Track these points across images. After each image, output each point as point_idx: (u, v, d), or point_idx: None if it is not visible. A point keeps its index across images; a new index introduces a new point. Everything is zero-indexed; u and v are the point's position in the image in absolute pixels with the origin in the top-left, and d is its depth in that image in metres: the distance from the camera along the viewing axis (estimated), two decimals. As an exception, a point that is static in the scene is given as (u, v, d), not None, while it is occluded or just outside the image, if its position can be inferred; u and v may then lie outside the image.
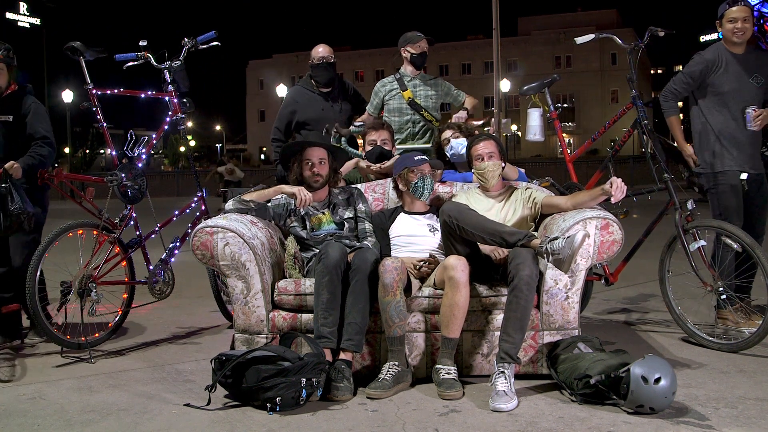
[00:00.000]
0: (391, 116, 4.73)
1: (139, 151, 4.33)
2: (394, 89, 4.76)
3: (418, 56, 4.71)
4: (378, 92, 4.82)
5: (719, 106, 4.09)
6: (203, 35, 4.45)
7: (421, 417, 2.79)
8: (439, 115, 4.77)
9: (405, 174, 3.70)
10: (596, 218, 3.22)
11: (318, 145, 3.78)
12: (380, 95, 4.80)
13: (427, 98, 4.73)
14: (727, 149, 4.04)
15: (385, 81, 4.87)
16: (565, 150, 4.46)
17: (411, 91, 4.70)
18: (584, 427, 2.65)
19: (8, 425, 2.80)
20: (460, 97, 4.85)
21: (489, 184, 3.69)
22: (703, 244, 3.75)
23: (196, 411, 2.89)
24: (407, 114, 4.70)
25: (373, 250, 3.48)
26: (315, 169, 3.69)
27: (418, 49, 4.69)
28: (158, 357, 3.81)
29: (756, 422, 2.66)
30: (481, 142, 3.69)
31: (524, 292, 3.04)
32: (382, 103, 4.80)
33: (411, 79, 4.76)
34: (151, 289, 4.27)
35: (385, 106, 4.79)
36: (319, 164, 3.70)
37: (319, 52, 4.86)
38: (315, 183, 3.70)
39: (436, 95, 4.76)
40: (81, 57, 4.20)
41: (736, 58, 4.09)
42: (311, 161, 3.69)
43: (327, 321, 3.16)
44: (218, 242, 3.29)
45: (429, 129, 4.72)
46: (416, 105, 4.68)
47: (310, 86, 4.93)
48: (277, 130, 4.98)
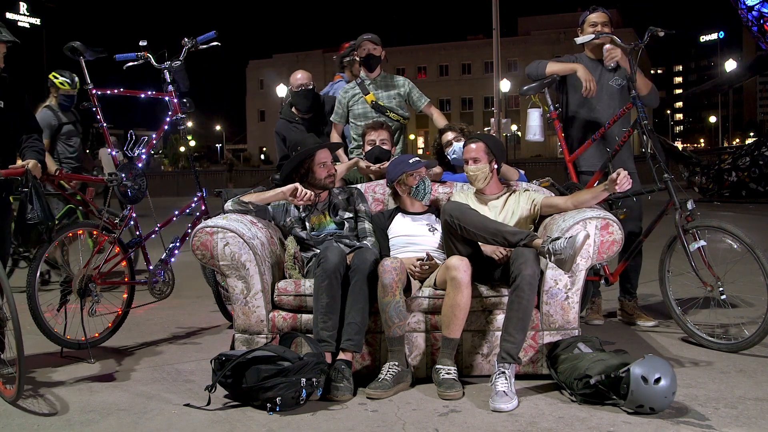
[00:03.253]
0: (356, 122, 4.66)
1: (139, 151, 4.33)
2: (356, 94, 4.70)
3: (364, 59, 4.67)
4: (341, 100, 4.74)
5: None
6: (203, 35, 4.45)
7: (421, 417, 2.80)
8: (406, 112, 4.70)
9: (404, 179, 3.71)
10: (596, 218, 3.22)
11: (324, 147, 3.78)
12: (344, 102, 4.72)
13: (390, 98, 4.66)
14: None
15: (347, 87, 4.82)
16: (565, 150, 4.46)
17: (373, 94, 4.65)
18: (584, 427, 2.65)
19: (8, 425, 2.80)
20: (419, 103, 4.72)
21: (475, 186, 3.71)
22: (703, 244, 3.75)
23: (196, 411, 2.89)
24: (372, 117, 4.62)
25: (372, 250, 3.48)
26: (330, 170, 3.72)
27: (363, 52, 4.65)
28: (158, 357, 3.81)
29: (756, 422, 2.66)
30: (471, 144, 3.70)
31: (526, 292, 3.04)
32: (347, 111, 4.74)
33: (371, 81, 4.71)
34: (151, 289, 4.27)
35: (350, 112, 4.72)
36: (331, 164, 3.74)
37: (297, 79, 4.82)
38: (330, 183, 3.73)
39: (398, 93, 4.69)
40: (81, 57, 4.20)
41: (596, 62, 4.38)
42: (326, 162, 3.71)
43: (327, 325, 3.16)
44: (218, 242, 3.29)
45: (398, 128, 4.68)
46: (380, 107, 4.61)
47: (292, 116, 4.90)
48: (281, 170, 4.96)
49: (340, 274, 3.23)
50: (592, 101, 4.36)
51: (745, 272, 3.77)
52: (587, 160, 4.39)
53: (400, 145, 4.71)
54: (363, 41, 4.66)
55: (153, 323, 4.64)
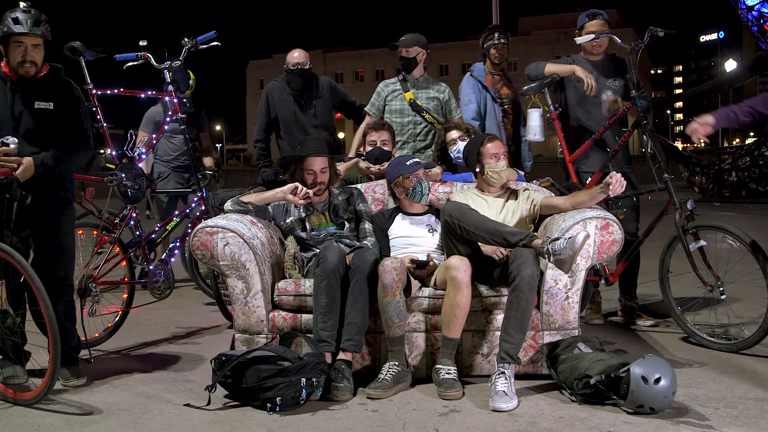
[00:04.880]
0: (392, 117, 4.71)
1: (139, 151, 4.33)
2: (396, 90, 4.74)
3: (401, 61, 4.72)
4: (380, 92, 4.80)
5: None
6: (203, 35, 4.45)
7: (421, 417, 2.80)
8: (441, 118, 4.74)
9: (401, 181, 3.70)
10: (596, 218, 3.22)
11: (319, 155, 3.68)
12: (382, 96, 4.78)
13: (429, 100, 4.70)
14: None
15: (388, 81, 4.86)
16: (565, 150, 4.45)
17: (413, 93, 4.69)
18: (584, 427, 2.65)
19: (8, 425, 2.80)
20: (454, 114, 4.76)
21: (498, 183, 3.68)
22: (704, 244, 3.75)
23: (196, 411, 2.89)
24: (408, 115, 4.68)
25: (372, 250, 3.48)
26: (318, 179, 3.66)
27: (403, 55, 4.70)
28: (158, 357, 3.81)
29: (756, 422, 2.66)
30: (492, 142, 3.68)
31: (525, 292, 3.04)
32: (384, 104, 4.78)
33: (414, 80, 4.75)
34: (151, 289, 4.27)
35: (387, 106, 4.76)
36: (321, 173, 3.66)
37: (294, 58, 4.82)
38: (318, 192, 3.68)
39: (437, 98, 4.73)
40: (81, 57, 4.20)
41: (593, 64, 4.41)
42: (314, 171, 3.65)
43: (326, 325, 3.16)
44: (218, 242, 3.29)
45: (431, 131, 4.71)
46: (418, 107, 4.66)
47: (285, 86, 4.90)
48: (259, 130, 4.97)
49: (340, 274, 3.22)
50: (589, 102, 4.37)
51: (745, 272, 3.77)
52: (587, 160, 4.39)
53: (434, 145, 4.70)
54: (396, 47, 4.71)
55: (153, 323, 4.63)
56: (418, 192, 3.67)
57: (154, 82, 4.66)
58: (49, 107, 3.28)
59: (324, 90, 4.94)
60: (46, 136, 3.26)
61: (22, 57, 3.20)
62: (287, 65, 4.85)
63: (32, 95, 3.25)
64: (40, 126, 3.25)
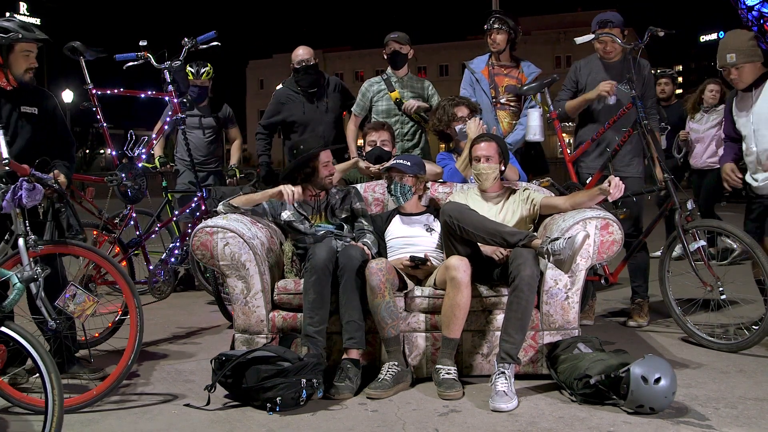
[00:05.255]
0: (379, 117, 4.68)
1: (139, 151, 4.34)
2: (382, 90, 4.73)
3: (391, 57, 4.71)
4: (365, 93, 4.78)
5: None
6: (203, 35, 4.45)
7: (421, 417, 2.80)
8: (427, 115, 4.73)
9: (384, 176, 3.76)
10: (596, 218, 3.22)
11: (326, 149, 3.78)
12: (368, 96, 4.77)
13: (414, 99, 4.68)
14: None
15: (372, 81, 4.85)
16: (564, 150, 4.45)
17: (398, 92, 4.68)
18: (584, 427, 2.65)
19: (8, 425, 2.80)
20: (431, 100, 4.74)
21: (483, 185, 3.69)
22: (703, 244, 3.75)
23: (196, 411, 2.89)
24: (395, 115, 4.67)
25: (357, 247, 3.43)
26: (331, 170, 3.73)
27: (389, 50, 4.69)
28: (158, 357, 3.81)
29: (756, 422, 2.66)
30: (483, 143, 3.68)
31: (525, 293, 3.04)
32: (369, 105, 4.76)
33: (398, 79, 4.73)
34: (151, 289, 4.27)
35: (373, 107, 4.75)
36: (331, 164, 3.75)
37: (299, 55, 4.83)
38: (330, 183, 3.73)
39: (423, 98, 4.73)
40: (81, 57, 4.20)
41: (606, 66, 4.37)
42: (328, 162, 3.71)
43: (313, 321, 3.16)
44: (218, 242, 3.29)
45: (418, 130, 4.71)
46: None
47: (294, 87, 4.91)
48: (262, 127, 5.01)
49: (329, 270, 3.22)
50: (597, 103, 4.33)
51: (745, 272, 3.77)
52: (586, 160, 4.39)
53: (422, 144, 4.74)
54: (389, 40, 4.69)
55: (153, 323, 4.63)
56: (392, 190, 3.70)
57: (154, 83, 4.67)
58: (34, 112, 3.34)
59: (335, 88, 4.99)
60: (32, 140, 3.32)
61: (29, 64, 3.26)
62: (293, 64, 4.87)
63: (18, 100, 3.30)
64: (26, 130, 3.31)
